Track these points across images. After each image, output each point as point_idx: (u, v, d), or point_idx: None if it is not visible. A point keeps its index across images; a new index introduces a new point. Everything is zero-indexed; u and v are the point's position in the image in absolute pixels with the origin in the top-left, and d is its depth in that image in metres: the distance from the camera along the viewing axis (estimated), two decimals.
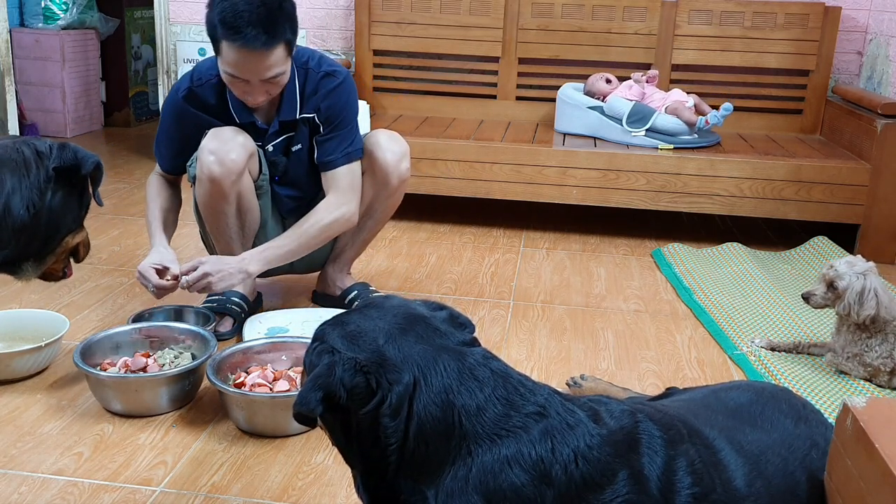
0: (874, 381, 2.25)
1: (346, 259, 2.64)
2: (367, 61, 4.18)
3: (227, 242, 2.40)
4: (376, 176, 2.46)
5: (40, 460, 1.78)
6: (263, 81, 2.16)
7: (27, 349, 2.09)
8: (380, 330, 1.20)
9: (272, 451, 1.85)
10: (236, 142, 2.25)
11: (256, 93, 2.19)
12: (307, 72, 2.33)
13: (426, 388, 1.16)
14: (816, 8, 3.86)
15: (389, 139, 2.47)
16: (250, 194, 2.36)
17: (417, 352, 1.18)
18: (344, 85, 2.36)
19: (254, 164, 2.34)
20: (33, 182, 1.75)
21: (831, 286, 2.26)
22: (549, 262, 3.22)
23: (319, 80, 2.33)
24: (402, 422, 1.15)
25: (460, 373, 1.18)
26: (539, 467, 1.13)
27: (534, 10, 4.01)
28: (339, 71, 2.37)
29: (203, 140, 2.27)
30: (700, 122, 3.57)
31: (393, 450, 1.15)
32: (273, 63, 2.13)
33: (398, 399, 1.15)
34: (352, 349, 1.18)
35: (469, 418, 1.15)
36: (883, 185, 3.33)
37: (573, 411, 1.21)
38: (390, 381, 1.15)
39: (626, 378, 2.26)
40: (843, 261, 2.28)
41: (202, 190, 2.30)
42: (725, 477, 1.23)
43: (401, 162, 2.47)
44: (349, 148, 2.38)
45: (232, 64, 2.12)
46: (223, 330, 2.39)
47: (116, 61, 5.41)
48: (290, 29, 2.15)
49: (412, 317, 1.24)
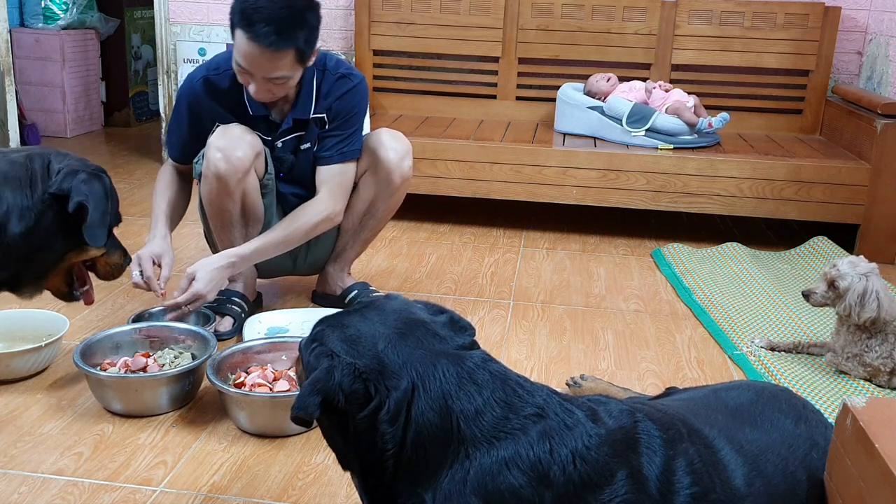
0: (874, 382, 2.25)
1: (346, 258, 2.64)
2: (367, 61, 4.18)
3: (229, 241, 2.40)
4: (379, 174, 2.46)
5: (40, 460, 1.78)
6: (267, 80, 2.16)
7: (27, 349, 2.09)
8: (379, 334, 1.20)
9: (272, 451, 1.85)
10: (244, 140, 2.26)
11: (259, 88, 2.19)
12: (324, 73, 2.35)
13: (424, 393, 1.16)
14: (816, 8, 3.86)
15: (392, 138, 2.48)
16: (255, 193, 2.36)
17: (416, 357, 1.18)
18: (357, 88, 2.38)
19: (260, 163, 2.35)
20: (34, 201, 1.73)
21: (832, 285, 2.26)
22: (549, 262, 3.22)
23: (335, 82, 2.35)
24: (400, 428, 1.15)
25: (459, 377, 1.18)
26: (537, 468, 1.13)
27: (534, 10, 4.01)
28: (355, 75, 2.40)
29: (211, 137, 2.28)
30: (702, 123, 3.57)
31: (390, 454, 1.15)
32: (280, 66, 2.13)
33: (396, 405, 1.15)
34: (351, 353, 1.18)
35: (467, 422, 1.15)
36: (883, 185, 3.33)
37: (571, 412, 1.21)
38: (388, 387, 1.16)
39: (626, 378, 2.26)
40: (846, 260, 2.28)
41: (207, 187, 2.30)
42: (725, 476, 1.23)
43: (403, 160, 2.47)
44: (347, 147, 2.39)
45: (240, 53, 2.14)
46: (223, 330, 2.39)
47: (116, 61, 5.41)
48: (306, 39, 2.14)
49: (411, 321, 1.24)
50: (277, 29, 2.07)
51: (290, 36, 2.10)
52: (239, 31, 2.11)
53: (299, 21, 2.11)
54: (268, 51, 2.09)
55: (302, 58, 2.17)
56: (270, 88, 2.20)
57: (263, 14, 2.07)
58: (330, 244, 2.58)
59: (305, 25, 2.13)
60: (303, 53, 2.16)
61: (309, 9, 2.15)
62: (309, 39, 2.16)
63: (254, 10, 2.07)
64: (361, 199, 2.51)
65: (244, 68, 2.16)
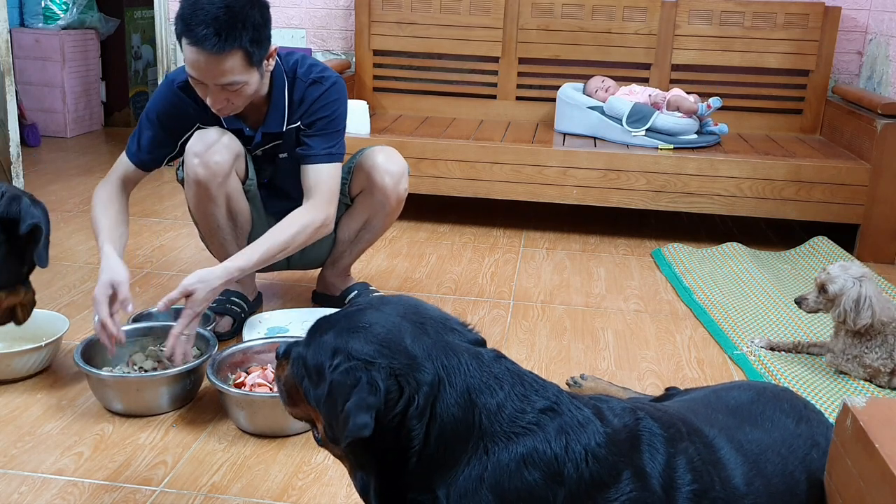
0: (874, 382, 2.25)
1: (343, 265, 2.62)
2: (367, 61, 4.18)
3: (220, 244, 2.39)
4: (374, 196, 2.42)
5: (40, 460, 1.78)
6: (220, 87, 2.05)
7: (27, 349, 2.09)
8: (404, 329, 1.17)
9: (272, 451, 1.85)
10: (221, 143, 2.20)
11: (215, 97, 2.08)
12: (295, 80, 2.26)
13: (450, 387, 1.14)
14: (816, 8, 3.86)
15: (387, 160, 2.41)
16: (239, 195, 2.32)
17: (440, 350, 1.16)
18: (329, 92, 2.27)
19: (240, 165, 2.29)
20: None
21: (823, 290, 2.25)
22: (549, 262, 3.22)
23: (306, 89, 2.26)
24: (425, 423, 1.13)
25: (481, 371, 1.17)
26: (552, 466, 1.13)
27: (534, 10, 4.01)
28: (327, 77, 2.28)
29: (188, 143, 2.22)
30: (702, 108, 3.59)
31: (413, 451, 1.13)
32: (228, 70, 2.01)
33: (425, 400, 1.13)
34: (385, 355, 1.14)
35: (489, 417, 1.14)
36: (883, 185, 3.33)
37: (581, 408, 1.21)
38: (418, 381, 1.13)
39: (626, 378, 2.26)
40: (837, 265, 2.27)
41: (190, 193, 2.27)
42: (724, 475, 1.23)
43: (399, 184, 2.42)
44: (332, 149, 2.28)
45: (187, 62, 2.05)
46: (223, 330, 2.39)
47: (116, 61, 5.41)
48: (252, 39, 2.02)
49: (427, 316, 1.22)
50: (217, 31, 1.96)
51: (233, 37, 1.98)
52: (183, 40, 2.00)
53: (241, 21, 1.99)
54: (212, 55, 1.98)
55: (251, 59, 2.05)
56: (228, 97, 2.09)
57: (201, 17, 1.96)
58: (325, 247, 2.56)
59: (249, 25, 2.00)
60: (251, 55, 2.04)
61: (252, 7, 2.03)
62: (256, 39, 2.03)
63: (192, 15, 1.97)
64: (357, 216, 2.49)
65: (195, 78, 2.06)
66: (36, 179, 4.07)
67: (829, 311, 2.27)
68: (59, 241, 3.17)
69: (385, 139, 3.53)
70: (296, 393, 1.26)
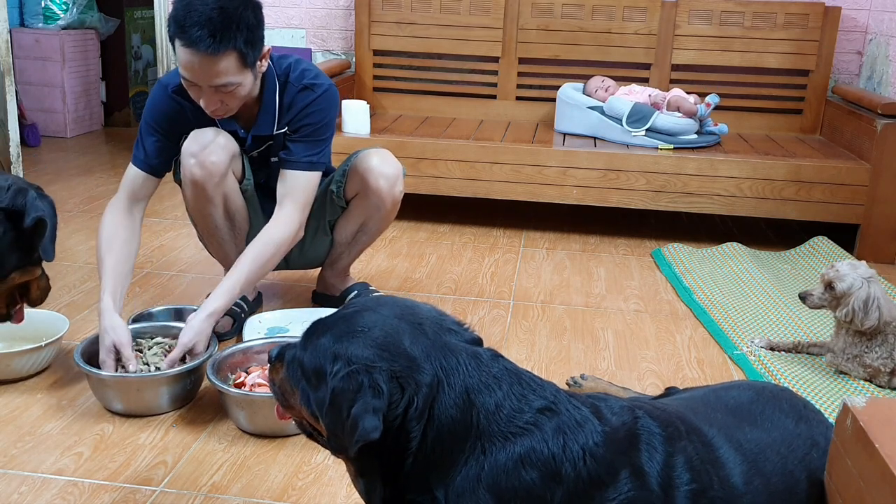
0: (874, 382, 2.25)
1: (342, 265, 2.63)
2: (367, 61, 4.18)
3: (218, 244, 2.39)
4: (370, 200, 2.42)
5: (40, 460, 1.78)
6: (214, 89, 2.05)
7: (27, 349, 2.09)
8: (402, 330, 1.17)
9: (272, 451, 1.85)
10: (216, 143, 2.20)
11: (209, 99, 2.08)
12: (287, 84, 2.25)
13: (449, 388, 1.14)
14: (816, 8, 3.86)
15: (382, 162, 2.40)
16: (236, 195, 2.33)
17: (437, 351, 1.16)
18: (319, 100, 2.26)
19: (237, 165, 2.29)
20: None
21: (829, 287, 2.25)
22: (549, 262, 3.22)
23: (297, 94, 2.25)
24: (423, 424, 1.13)
25: (479, 371, 1.17)
26: (550, 465, 1.13)
27: (534, 10, 4.01)
28: (319, 84, 2.27)
29: (184, 143, 2.22)
30: (701, 109, 3.59)
31: (411, 452, 1.13)
32: (222, 71, 2.01)
33: (424, 401, 1.12)
34: (385, 358, 1.14)
35: (487, 417, 1.14)
36: (883, 185, 3.33)
37: (579, 408, 1.21)
38: (418, 382, 1.13)
39: (626, 378, 2.26)
40: (846, 263, 2.27)
41: (187, 193, 2.27)
42: (723, 474, 1.23)
43: (394, 187, 2.41)
44: (314, 157, 2.27)
45: (182, 65, 2.04)
46: (223, 330, 2.39)
47: (116, 61, 5.41)
48: (246, 40, 2.02)
49: (423, 316, 1.22)
50: (212, 32, 1.95)
51: (227, 38, 1.98)
52: (177, 42, 1.99)
53: (235, 21, 1.99)
54: (206, 56, 1.97)
55: (246, 60, 2.04)
56: (222, 99, 2.08)
57: (195, 18, 1.95)
58: (323, 248, 2.56)
59: (243, 25, 2.00)
60: (245, 56, 2.03)
61: (246, 7, 2.03)
62: (250, 40, 2.03)
63: (185, 16, 1.96)
64: (354, 219, 2.49)
65: (189, 80, 2.05)
66: (36, 179, 4.06)
67: (833, 309, 2.26)
68: (60, 241, 3.14)
69: (385, 139, 3.53)
70: (291, 396, 1.25)
